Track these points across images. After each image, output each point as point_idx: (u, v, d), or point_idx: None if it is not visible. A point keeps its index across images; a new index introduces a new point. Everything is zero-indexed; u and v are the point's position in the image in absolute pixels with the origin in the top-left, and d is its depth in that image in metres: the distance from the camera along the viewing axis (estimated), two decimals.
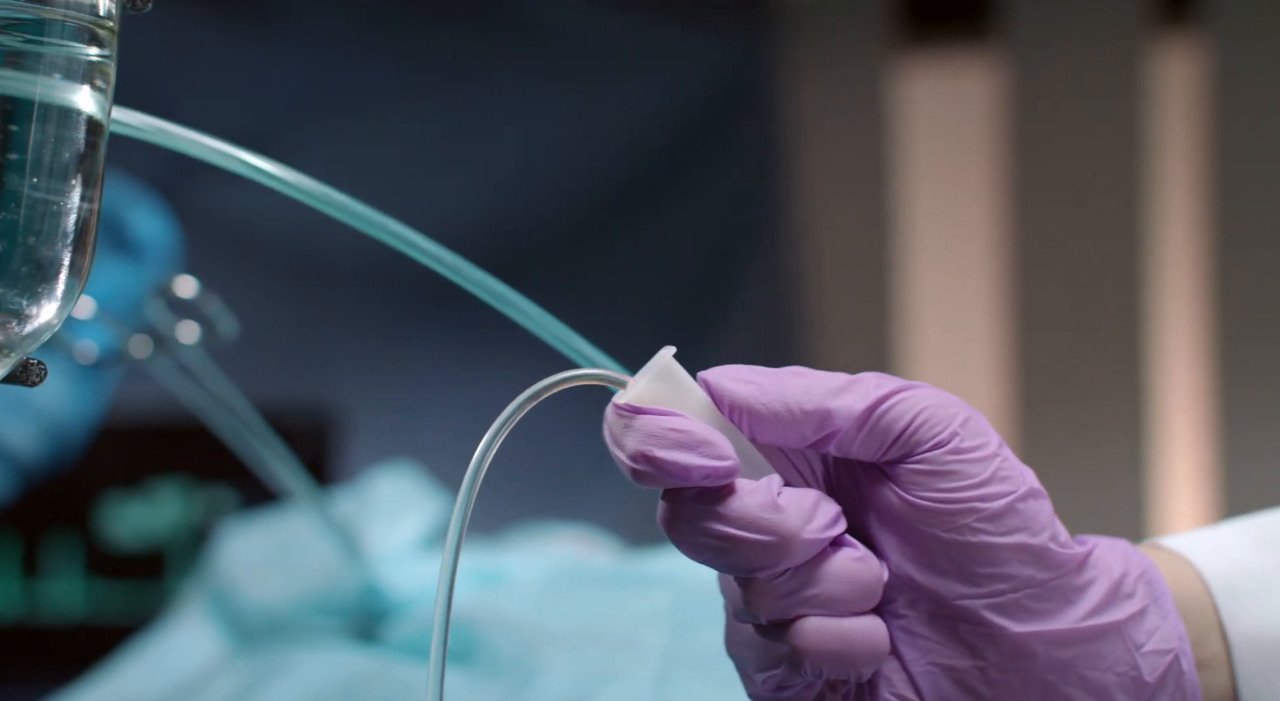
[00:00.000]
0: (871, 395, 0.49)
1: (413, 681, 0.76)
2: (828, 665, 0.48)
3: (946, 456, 0.49)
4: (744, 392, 0.49)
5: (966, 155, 2.45)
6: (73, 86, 0.47)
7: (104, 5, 0.48)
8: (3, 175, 0.46)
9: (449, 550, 0.48)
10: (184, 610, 1.03)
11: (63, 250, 0.47)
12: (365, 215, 0.55)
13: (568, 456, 2.27)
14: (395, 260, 2.33)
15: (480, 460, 0.49)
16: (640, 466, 0.48)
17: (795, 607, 0.48)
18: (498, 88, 2.36)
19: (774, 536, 0.48)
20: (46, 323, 0.48)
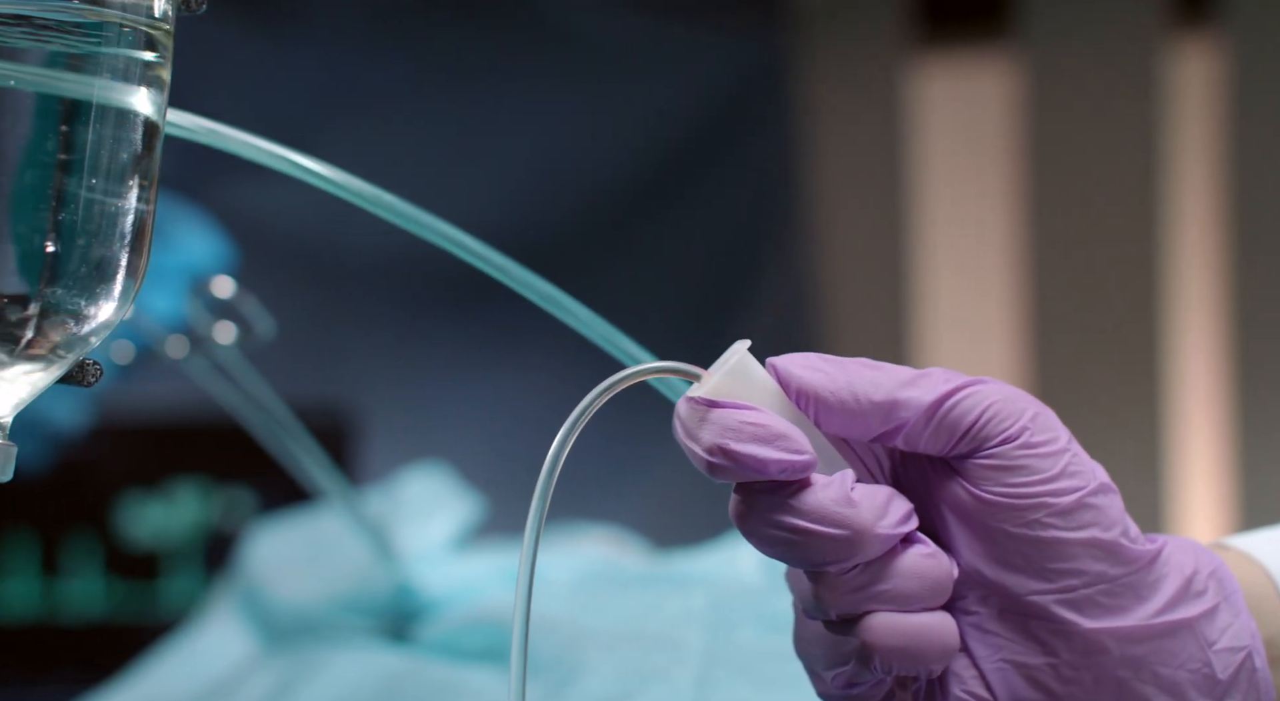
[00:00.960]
0: (940, 388, 0.49)
1: (449, 681, 0.76)
2: (897, 661, 0.48)
3: (1016, 451, 0.49)
4: (812, 379, 0.49)
5: (982, 156, 2.45)
6: (130, 88, 0.47)
7: (159, 7, 0.48)
8: (63, 177, 0.46)
9: (526, 549, 0.48)
10: (213, 610, 1.03)
11: (120, 251, 0.47)
12: (413, 215, 0.55)
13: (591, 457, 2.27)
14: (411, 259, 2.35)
15: (556, 456, 0.49)
16: (716, 459, 0.48)
17: (865, 603, 0.48)
18: (511, 88, 2.36)
19: (847, 531, 0.48)
20: (104, 323, 0.48)
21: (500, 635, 0.80)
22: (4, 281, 0.45)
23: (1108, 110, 2.30)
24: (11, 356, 0.47)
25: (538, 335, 2.30)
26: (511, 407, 2.25)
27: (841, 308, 2.50)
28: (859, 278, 2.49)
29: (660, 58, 2.45)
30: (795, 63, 2.52)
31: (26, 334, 0.46)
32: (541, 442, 1.89)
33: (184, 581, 1.99)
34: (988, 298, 2.43)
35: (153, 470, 1.98)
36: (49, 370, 0.48)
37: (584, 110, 2.41)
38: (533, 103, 2.37)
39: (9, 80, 0.45)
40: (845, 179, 2.50)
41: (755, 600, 0.75)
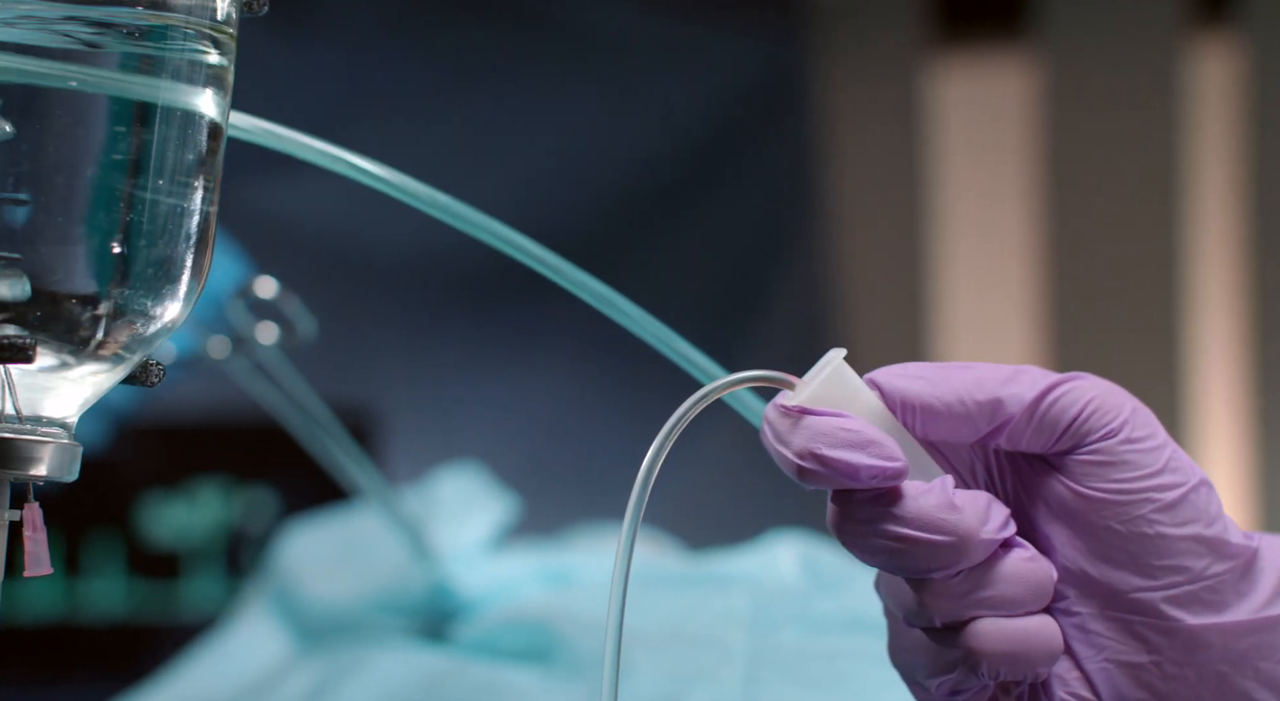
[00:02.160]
0: (1040, 383, 0.49)
1: (491, 681, 0.76)
2: (1005, 666, 0.48)
3: (1119, 446, 0.49)
4: (916, 388, 0.49)
5: (1000, 156, 2.45)
6: (195, 90, 0.47)
7: (222, 10, 0.48)
8: (130, 178, 0.46)
9: (620, 556, 0.48)
10: (246, 610, 1.03)
11: (186, 251, 0.48)
12: (467, 215, 0.56)
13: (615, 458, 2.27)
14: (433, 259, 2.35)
15: (651, 464, 0.49)
16: (807, 463, 0.48)
17: (969, 609, 0.48)
18: (531, 88, 2.36)
19: (952, 536, 0.48)
20: (169, 323, 0.48)
21: (539, 635, 0.80)
22: (75, 282, 0.46)
23: (1126, 110, 2.30)
24: (80, 357, 0.47)
25: (554, 336, 2.31)
26: (529, 408, 2.26)
27: (859, 308, 2.50)
28: (877, 278, 2.49)
29: (678, 59, 2.45)
30: (813, 63, 2.52)
31: (96, 334, 0.47)
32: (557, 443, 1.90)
33: (205, 581, 1.99)
34: (1006, 298, 2.43)
35: (175, 470, 1.99)
36: (114, 371, 0.48)
37: (602, 111, 2.41)
38: (552, 104, 2.38)
39: (69, 81, 0.46)
40: (863, 179, 2.50)
41: (796, 601, 0.75)
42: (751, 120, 2.50)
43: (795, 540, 0.84)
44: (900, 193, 2.47)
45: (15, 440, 0.47)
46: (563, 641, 0.76)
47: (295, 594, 0.98)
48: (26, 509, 0.48)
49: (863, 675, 0.67)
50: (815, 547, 0.84)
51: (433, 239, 2.18)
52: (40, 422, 0.47)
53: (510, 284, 2.22)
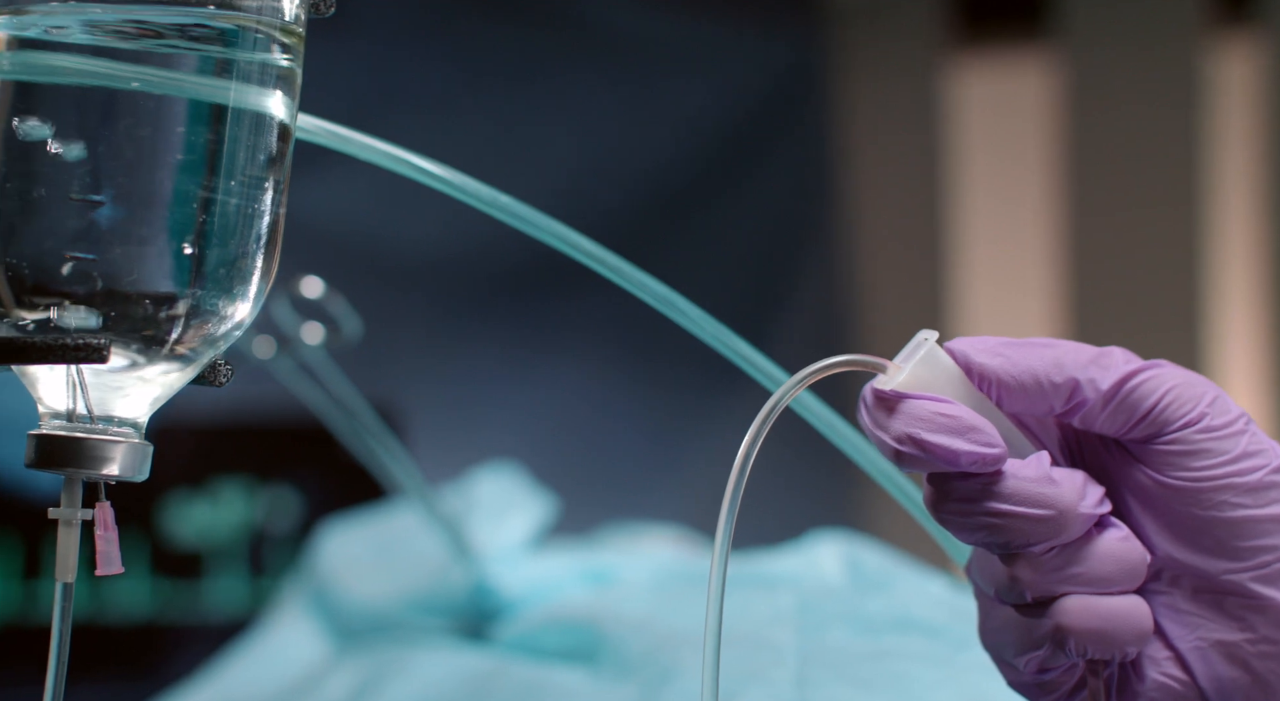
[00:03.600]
0: (1121, 369, 0.50)
1: (537, 680, 0.76)
2: (1092, 644, 0.49)
3: (1197, 435, 0.49)
4: (994, 365, 0.50)
5: (1020, 155, 2.44)
6: (266, 92, 0.47)
7: (291, 11, 0.48)
8: (203, 180, 0.46)
9: (718, 551, 0.48)
10: (284, 609, 1.03)
11: (256, 252, 0.48)
12: (528, 216, 0.56)
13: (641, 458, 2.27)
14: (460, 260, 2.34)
15: (747, 453, 0.49)
16: (906, 448, 0.49)
17: (1061, 585, 0.49)
18: (552, 87, 2.37)
19: (1051, 510, 0.48)
20: (239, 322, 0.48)
21: (583, 634, 0.80)
22: (149, 282, 0.46)
23: (1147, 109, 2.29)
24: (151, 357, 0.47)
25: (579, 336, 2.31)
26: (554, 408, 2.26)
27: (878, 306, 2.50)
28: (896, 277, 2.49)
29: (698, 58, 2.45)
30: (833, 63, 2.52)
31: (169, 334, 0.47)
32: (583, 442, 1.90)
33: (228, 581, 1.99)
34: (1025, 297, 2.43)
35: (197, 470, 1.99)
36: (185, 370, 0.48)
37: (624, 111, 2.41)
38: (573, 103, 2.38)
39: (142, 84, 0.46)
40: (883, 179, 2.50)
41: (843, 601, 0.75)
42: (772, 120, 2.50)
43: (837, 540, 0.84)
44: (920, 192, 2.47)
45: (87, 440, 0.47)
46: (608, 641, 0.76)
47: (333, 593, 0.98)
48: (98, 508, 0.48)
49: (915, 675, 0.66)
50: (857, 547, 0.84)
51: (459, 239, 2.19)
52: (112, 422, 0.47)
53: (536, 285, 2.22)
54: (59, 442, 0.47)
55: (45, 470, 0.47)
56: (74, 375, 0.47)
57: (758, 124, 2.50)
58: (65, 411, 0.47)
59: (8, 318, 0.46)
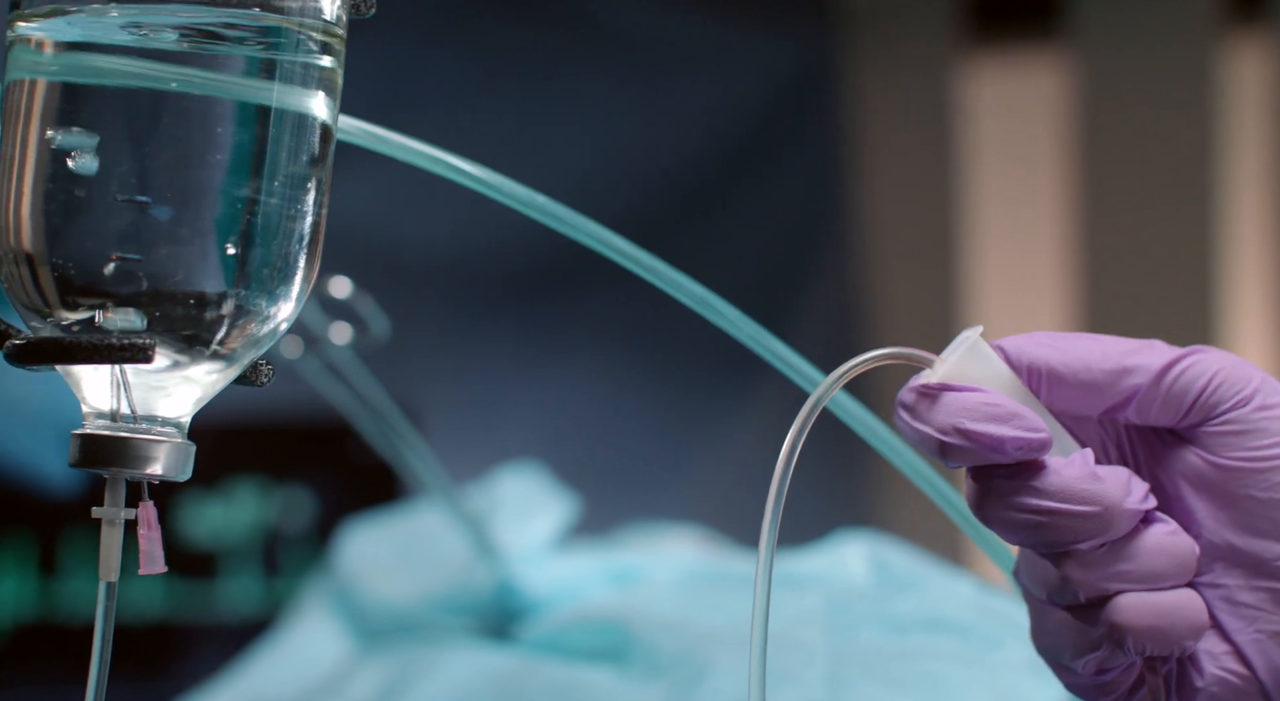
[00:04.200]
0: (1167, 354, 0.50)
1: (568, 680, 0.76)
2: (1150, 641, 0.48)
3: (1253, 414, 0.49)
4: (1043, 355, 0.50)
5: (1033, 156, 2.44)
6: (309, 93, 0.48)
7: (332, 12, 0.48)
8: (246, 181, 0.46)
9: (763, 553, 0.48)
10: (306, 609, 1.03)
11: (299, 252, 0.48)
12: (564, 217, 0.56)
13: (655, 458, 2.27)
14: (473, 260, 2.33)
15: (791, 450, 0.49)
16: (951, 439, 0.48)
17: (1113, 583, 0.49)
18: (564, 87, 2.37)
19: (1097, 507, 0.48)
20: (281, 323, 0.48)
21: (611, 634, 0.80)
22: (194, 282, 0.46)
23: (1160, 109, 2.29)
24: (195, 357, 0.47)
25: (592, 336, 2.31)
26: (568, 407, 2.26)
27: (890, 309, 2.49)
28: (908, 279, 2.49)
29: (710, 59, 2.45)
30: (845, 63, 2.51)
31: (214, 335, 0.47)
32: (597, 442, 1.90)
33: (242, 581, 1.99)
34: (1038, 299, 2.42)
35: (212, 470, 1.99)
36: (228, 371, 0.48)
37: (636, 111, 2.41)
38: (586, 103, 2.38)
39: (187, 85, 0.46)
40: (895, 179, 2.50)
41: (871, 601, 0.75)
42: (784, 120, 2.50)
43: (863, 540, 0.84)
44: (932, 192, 2.47)
45: (131, 439, 0.47)
46: (637, 641, 0.76)
47: (356, 593, 0.98)
48: (141, 507, 0.48)
49: (947, 675, 0.66)
50: (883, 548, 0.84)
51: (472, 240, 2.19)
52: (155, 422, 0.47)
53: (549, 284, 2.22)
54: (103, 442, 0.47)
55: (89, 469, 0.47)
56: (117, 375, 0.47)
57: (770, 124, 2.50)
58: (109, 411, 0.47)
59: (52, 318, 0.46)
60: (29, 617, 1.90)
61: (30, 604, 1.91)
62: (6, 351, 0.46)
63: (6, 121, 0.46)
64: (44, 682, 1.89)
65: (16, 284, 0.46)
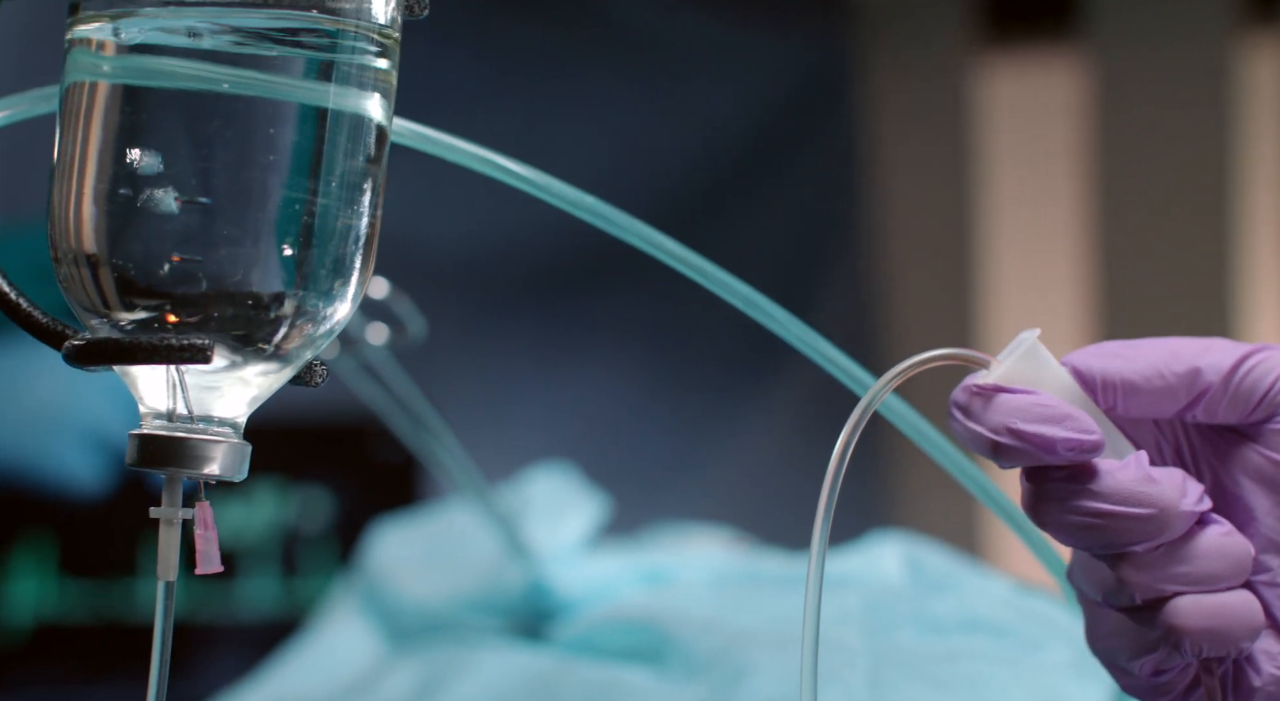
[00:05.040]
0: (1234, 352, 0.50)
1: (602, 680, 0.76)
2: (1207, 642, 0.49)
3: None
4: (1115, 366, 0.50)
5: (1049, 157, 2.44)
6: (366, 95, 0.48)
7: (387, 14, 0.48)
8: (304, 182, 0.47)
9: (817, 543, 0.48)
10: (335, 609, 1.03)
11: (356, 252, 0.48)
12: (613, 217, 0.56)
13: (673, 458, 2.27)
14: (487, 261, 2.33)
15: (844, 449, 0.49)
16: (1003, 439, 0.49)
17: (1169, 585, 0.49)
18: (576, 88, 2.37)
19: (1152, 508, 0.49)
20: (338, 323, 0.49)
21: (645, 634, 0.80)
22: (253, 283, 0.46)
23: (1178, 111, 2.29)
24: (252, 357, 0.47)
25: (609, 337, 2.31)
26: (586, 408, 2.26)
27: (906, 310, 2.49)
28: (924, 281, 2.49)
29: (724, 59, 2.45)
30: (860, 63, 2.51)
31: (272, 335, 0.47)
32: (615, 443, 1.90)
33: (260, 581, 1.99)
34: (1056, 301, 2.42)
35: None
36: (284, 371, 0.48)
37: (648, 111, 2.41)
38: (598, 103, 2.38)
39: (246, 87, 0.46)
40: (910, 181, 2.50)
41: (908, 602, 0.75)
42: (797, 121, 2.50)
43: (898, 541, 0.84)
44: (947, 194, 2.47)
45: (189, 439, 0.47)
46: (673, 641, 0.77)
47: (386, 593, 0.98)
48: (198, 507, 0.48)
49: (989, 676, 0.67)
50: (918, 548, 0.84)
51: (490, 239, 2.19)
52: (211, 422, 0.48)
53: (568, 284, 2.23)
54: (160, 442, 0.47)
55: (147, 469, 0.48)
56: (174, 375, 0.47)
57: (783, 124, 2.50)
58: (166, 411, 0.47)
59: (110, 318, 0.47)
60: (49, 617, 1.90)
61: (50, 603, 1.91)
62: (66, 352, 0.46)
63: (66, 124, 0.46)
64: (63, 683, 1.89)
65: (76, 285, 0.46)
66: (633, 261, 2.66)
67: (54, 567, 1.90)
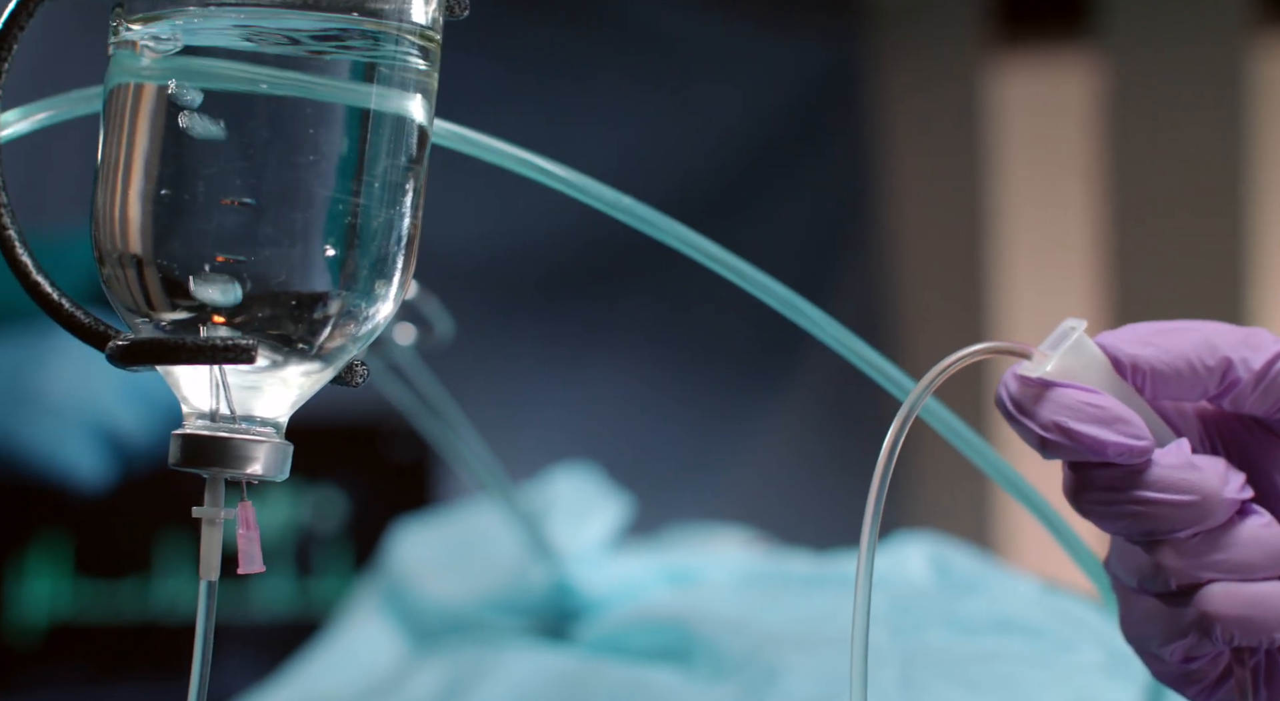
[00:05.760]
0: (1272, 348, 0.50)
1: (632, 680, 0.76)
2: (1238, 630, 0.49)
3: None
4: (1146, 354, 0.50)
5: (1063, 157, 2.44)
6: (408, 96, 0.48)
7: (429, 15, 0.49)
8: (347, 183, 0.47)
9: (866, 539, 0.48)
10: (357, 609, 1.03)
11: (398, 253, 0.48)
12: (652, 219, 0.56)
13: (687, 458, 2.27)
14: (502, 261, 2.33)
15: (891, 449, 0.49)
16: (1053, 436, 0.49)
17: (1205, 571, 0.49)
18: (589, 88, 2.37)
19: (1196, 495, 0.49)
20: (379, 323, 0.49)
21: (672, 634, 0.80)
22: (297, 283, 0.46)
23: (1191, 111, 2.29)
24: (294, 357, 0.47)
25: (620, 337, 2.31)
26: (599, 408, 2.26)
27: (919, 310, 2.49)
28: (936, 281, 2.49)
29: (736, 59, 2.45)
30: (872, 63, 2.51)
31: (315, 335, 0.47)
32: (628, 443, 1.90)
33: (274, 580, 1.99)
34: (1069, 301, 2.42)
35: None
36: (325, 370, 0.48)
37: (661, 112, 2.41)
38: (610, 103, 2.38)
39: (290, 88, 0.46)
40: (923, 181, 2.49)
41: (936, 602, 0.75)
42: (810, 122, 2.50)
43: (922, 541, 0.84)
44: (960, 195, 2.47)
45: (232, 439, 0.47)
46: (702, 641, 0.77)
47: (409, 594, 0.98)
48: (241, 507, 0.48)
49: (1022, 677, 0.67)
50: (943, 548, 0.84)
51: (504, 240, 2.19)
52: (254, 422, 0.48)
53: (581, 285, 2.23)
54: (204, 442, 0.47)
55: (190, 469, 0.48)
56: (217, 375, 0.47)
57: (796, 125, 2.50)
58: (209, 411, 0.47)
59: (154, 318, 0.47)
60: (63, 617, 1.90)
61: (64, 603, 1.91)
62: (110, 352, 0.46)
63: (110, 125, 0.46)
64: (78, 684, 1.89)
65: (121, 285, 0.46)
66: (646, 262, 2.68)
67: (69, 568, 1.90)
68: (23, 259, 0.47)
